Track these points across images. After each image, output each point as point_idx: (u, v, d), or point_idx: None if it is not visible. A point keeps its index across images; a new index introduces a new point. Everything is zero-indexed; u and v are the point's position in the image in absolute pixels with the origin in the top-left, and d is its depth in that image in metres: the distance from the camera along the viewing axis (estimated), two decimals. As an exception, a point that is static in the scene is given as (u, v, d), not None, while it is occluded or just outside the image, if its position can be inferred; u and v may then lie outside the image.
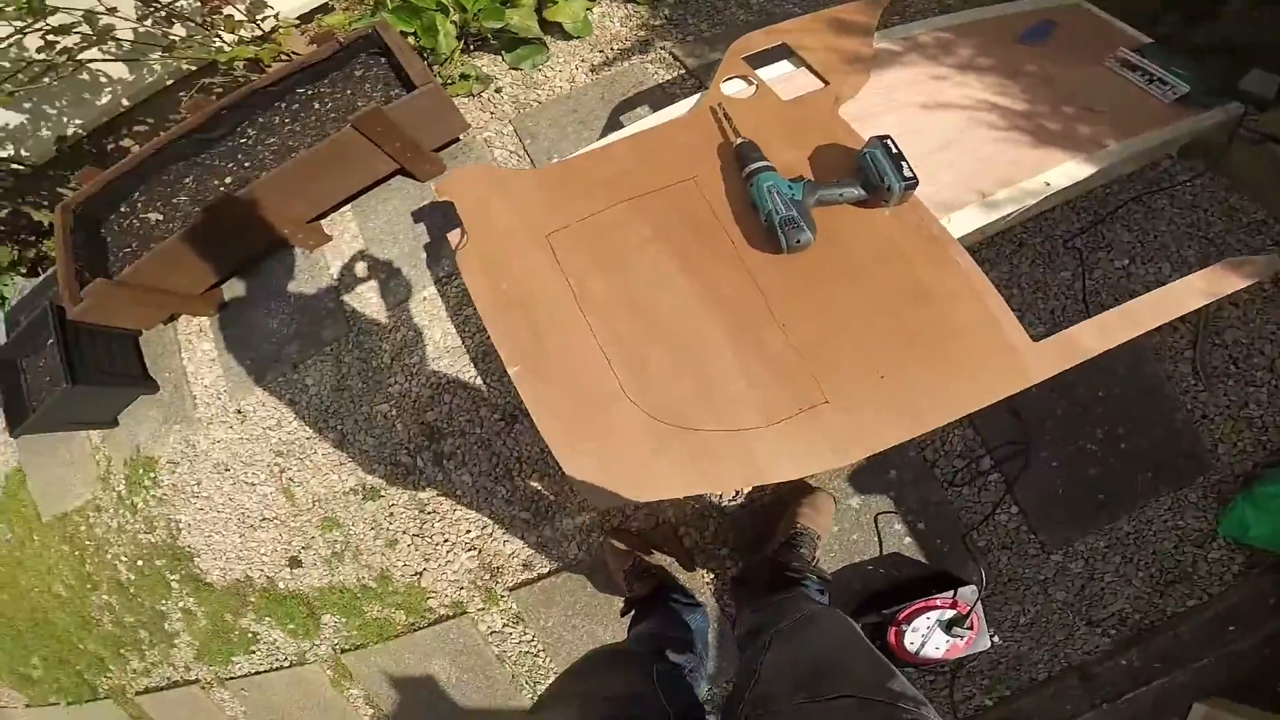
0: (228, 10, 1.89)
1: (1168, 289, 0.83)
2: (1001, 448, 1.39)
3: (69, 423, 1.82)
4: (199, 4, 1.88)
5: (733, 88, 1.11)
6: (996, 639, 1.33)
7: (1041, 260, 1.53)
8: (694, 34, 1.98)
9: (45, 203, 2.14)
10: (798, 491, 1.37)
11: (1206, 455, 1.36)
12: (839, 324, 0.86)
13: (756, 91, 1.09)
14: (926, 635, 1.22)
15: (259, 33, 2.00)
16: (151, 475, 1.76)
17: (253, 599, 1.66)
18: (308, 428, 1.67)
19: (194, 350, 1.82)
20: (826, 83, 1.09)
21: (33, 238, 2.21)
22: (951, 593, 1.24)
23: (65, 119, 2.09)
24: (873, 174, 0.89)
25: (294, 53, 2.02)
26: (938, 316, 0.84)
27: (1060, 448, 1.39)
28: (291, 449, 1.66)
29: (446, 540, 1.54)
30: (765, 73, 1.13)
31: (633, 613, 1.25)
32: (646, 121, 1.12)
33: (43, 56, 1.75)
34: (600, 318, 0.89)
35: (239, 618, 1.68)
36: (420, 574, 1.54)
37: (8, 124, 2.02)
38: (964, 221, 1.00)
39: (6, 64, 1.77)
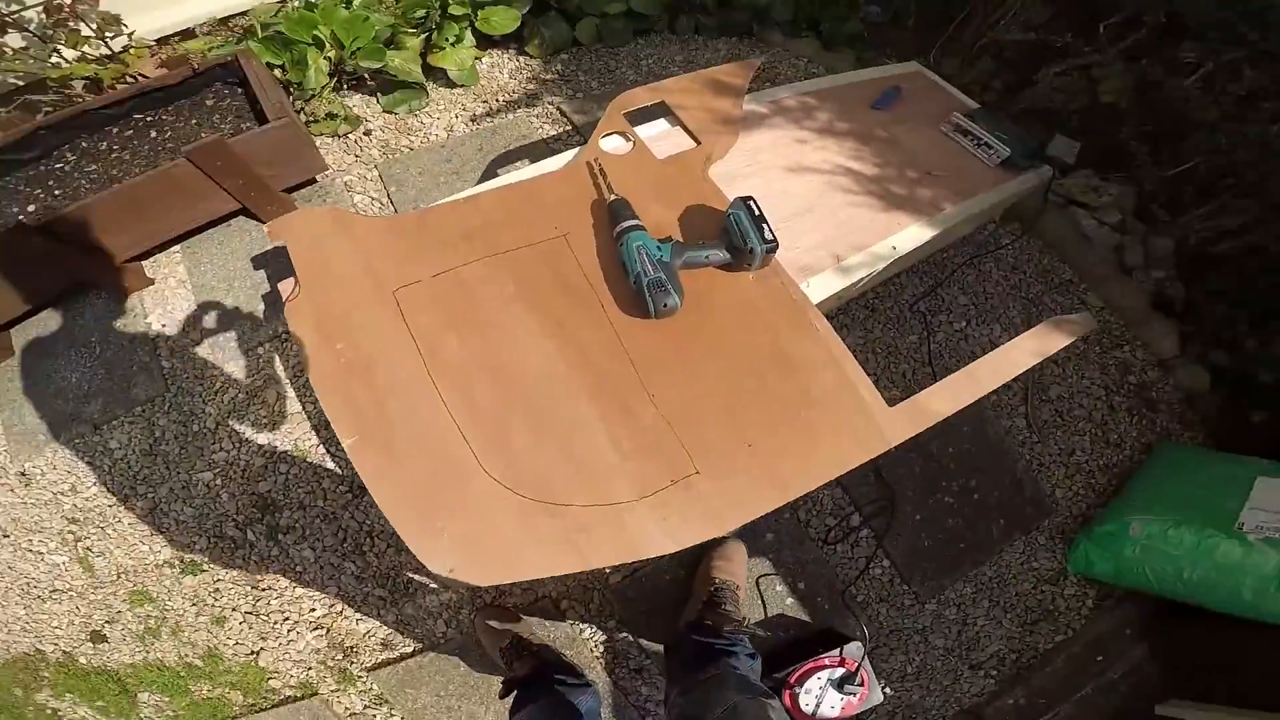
0: (77, 24, 1.65)
1: (1003, 351, 0.89)
2: (869, 505, 1.43)
3: None
4: (44, 14, 1.63)
5: (611, 144, 1.09)
6: (888, 690, 1.32)
7: (892, 324, 1.64)
8: (583, 91, 2.00)
9: None
10: (707, 546, 1.31)
11: (1047, 500, 1.48)
12: (708, 392, 0.82)
13: (634, 149, 1.08)
14: (820, 696, 1.19)
15: (106, 51, 1.77)
16: (-97, 536, 1.39)
17: (47, 674, 1.35)
18: (110, 494, 1.39)
19: (-32, 404, 1.48)
20: (699, 142, 1.10)
21: None
22: (838, 650, 1.22)
23: None
24: (736, 235, 0.88)
25: (142, 75, 1.80)
26: (801, 383, 0.83)
27: (921, 502, 1.45)
28: (90, 516, 1.38)
29: (287, 619, 1.33)
30: (644, 130, 1.13)
31: (514, 694, 1.11)
32: (522, 174, 1.07)
33: None
34: (453, 384, 0.79)
35: (32, 693, 1.36)
36: (257, 653, 1.31)
37: None
38: (822, 286, 1.02)
39: None
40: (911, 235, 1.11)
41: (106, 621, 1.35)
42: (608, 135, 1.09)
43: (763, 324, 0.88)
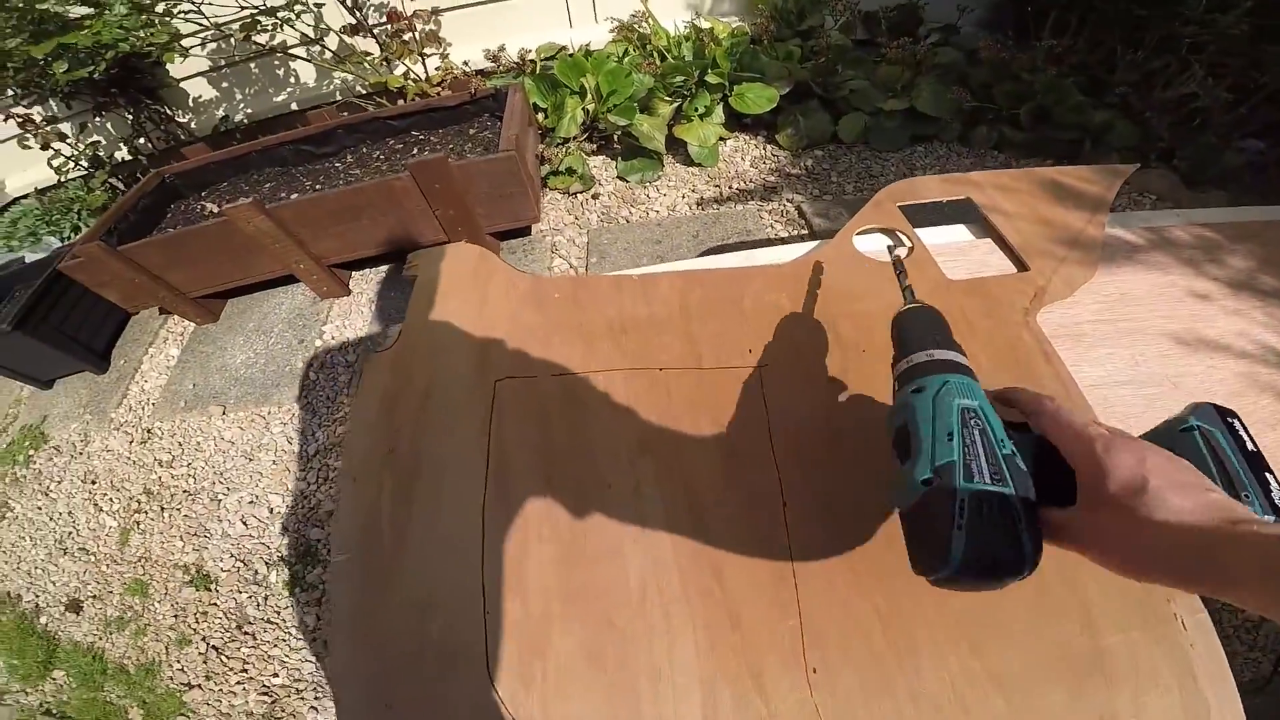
0: (409, 35, 1.78)
1: None
2: None
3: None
4: (387, 23, 1.79)
5: (871, 244, 0.71)
6: None
7: None
8: (833, 193, 1.66)
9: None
10: None
11: None
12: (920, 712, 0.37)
13: (909, 257, 0.68)
14: None
15: (421, 70, 1.89)
16: (30, 452, 1.47)
17: (3, 618, 1.28)
18: (192, 481, 1.32)
19: (160, 350, 1.57)
20: (1024, 267, 0.67)
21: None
22: None
23: (241, 105, 2.09)
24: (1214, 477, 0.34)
25: (439, 93, 1.91)
26: None
27: None
28: (162, 494, 1.32)
29: (245, 669, 1.10)
30: (930, 236, 0.74)
31: None
32: (727, 259, 0.74)
33: (259, 40, 1.69)
34: (508, 536, 0.46)
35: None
36: (191, 687, 1.10)
37: (201, 95, 2.04)
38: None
39: (233, 37, 1.71)
40: None
41: (93, 596, 1.24)
42: (866, 231, 0.72)
43: (1083, 619, 0.40)
